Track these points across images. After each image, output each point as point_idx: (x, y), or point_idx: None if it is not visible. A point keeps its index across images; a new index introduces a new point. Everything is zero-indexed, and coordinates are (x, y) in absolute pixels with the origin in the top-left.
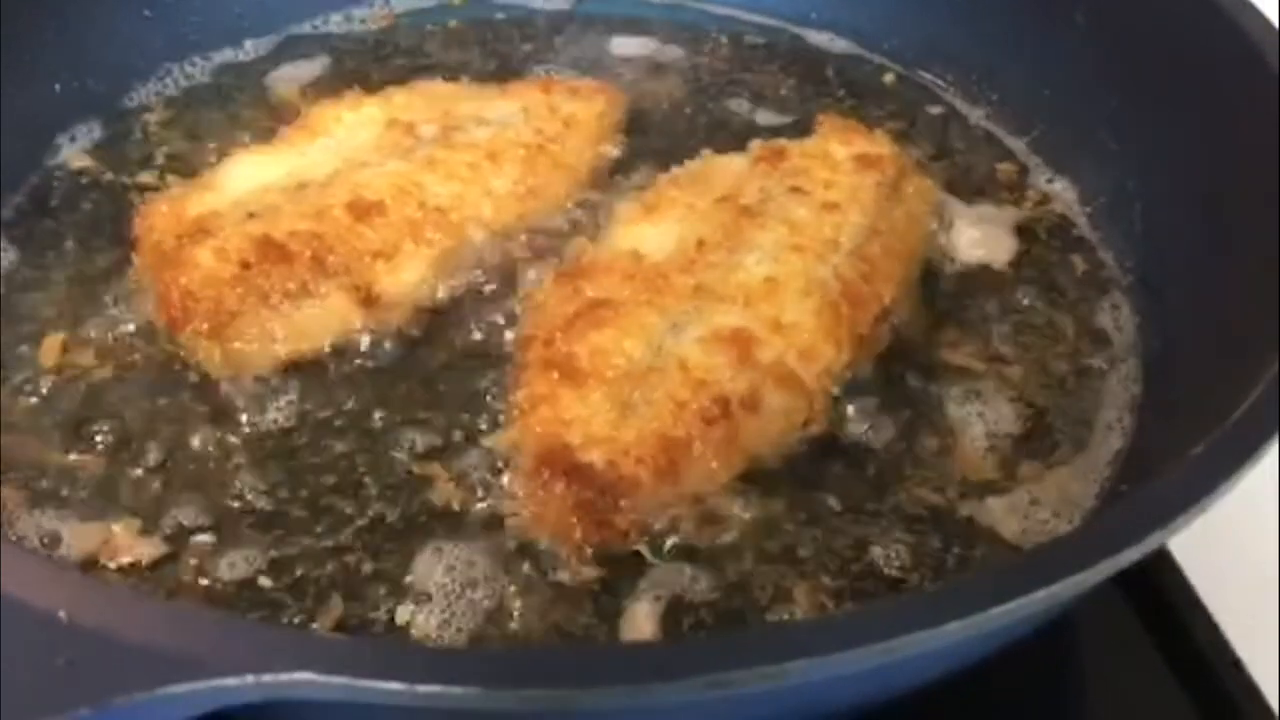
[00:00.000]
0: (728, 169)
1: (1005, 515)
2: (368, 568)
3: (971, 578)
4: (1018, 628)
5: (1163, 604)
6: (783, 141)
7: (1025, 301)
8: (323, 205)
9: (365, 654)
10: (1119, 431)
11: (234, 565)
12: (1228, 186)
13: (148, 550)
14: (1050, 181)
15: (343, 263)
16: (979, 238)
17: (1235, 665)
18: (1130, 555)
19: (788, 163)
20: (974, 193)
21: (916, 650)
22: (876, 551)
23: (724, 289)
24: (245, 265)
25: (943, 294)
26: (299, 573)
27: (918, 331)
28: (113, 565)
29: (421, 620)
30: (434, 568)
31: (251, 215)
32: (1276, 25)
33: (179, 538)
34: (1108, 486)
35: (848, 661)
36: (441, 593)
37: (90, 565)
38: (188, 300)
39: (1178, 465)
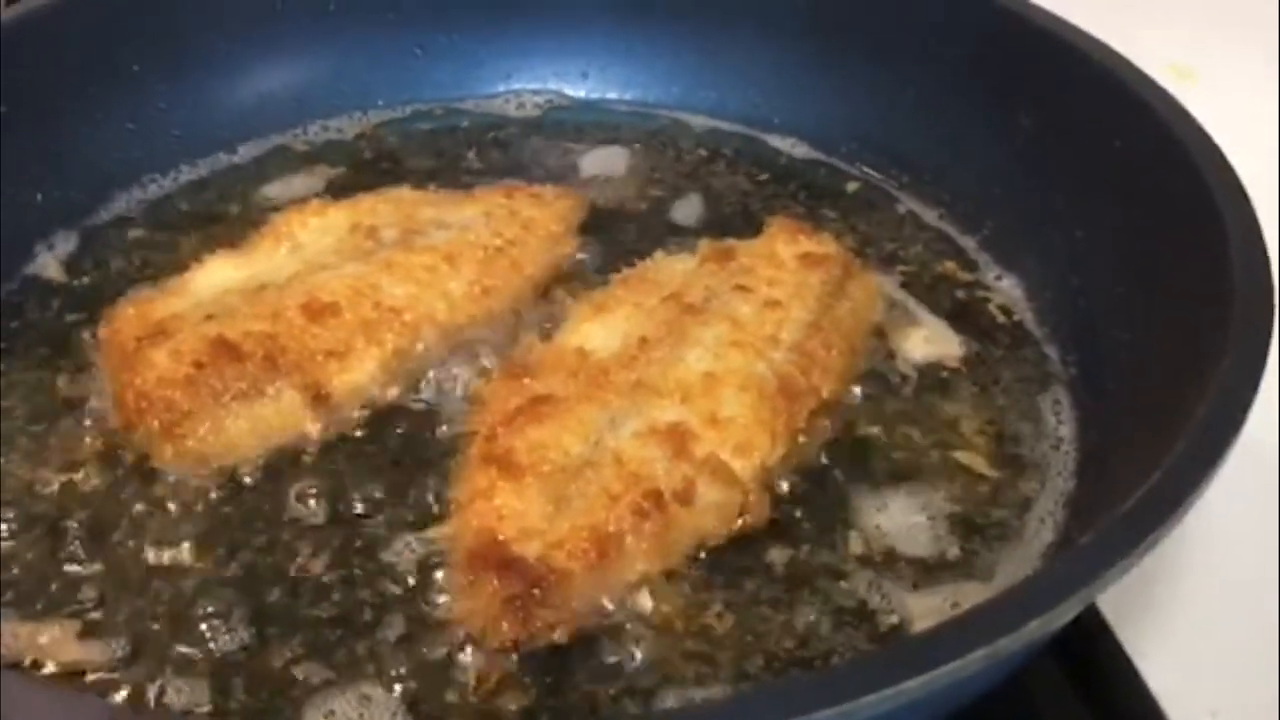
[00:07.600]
0: (676, 269)
1: (924, 614)
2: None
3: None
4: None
5: (1096, 670)
6: (730, 241)
7: (970, 397)
8: (279, 306)
9: None
10: (1050, 525)
11: (180, 691)
12: (1161, 283)
13: (85, 654)
14: (999, 278)
15: (295, 362)
16: (928, 334)
17: None
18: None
19: (734, 262)
20: (926, 290)
21: None
22: (795, 643)
23: (663, 384)
24: (199, 365)
25: (888, 388)
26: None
27: (858, 425)
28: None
29: None
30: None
31: (209, 317)
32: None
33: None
34: None
35: None
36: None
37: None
38: (141, 400)
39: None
